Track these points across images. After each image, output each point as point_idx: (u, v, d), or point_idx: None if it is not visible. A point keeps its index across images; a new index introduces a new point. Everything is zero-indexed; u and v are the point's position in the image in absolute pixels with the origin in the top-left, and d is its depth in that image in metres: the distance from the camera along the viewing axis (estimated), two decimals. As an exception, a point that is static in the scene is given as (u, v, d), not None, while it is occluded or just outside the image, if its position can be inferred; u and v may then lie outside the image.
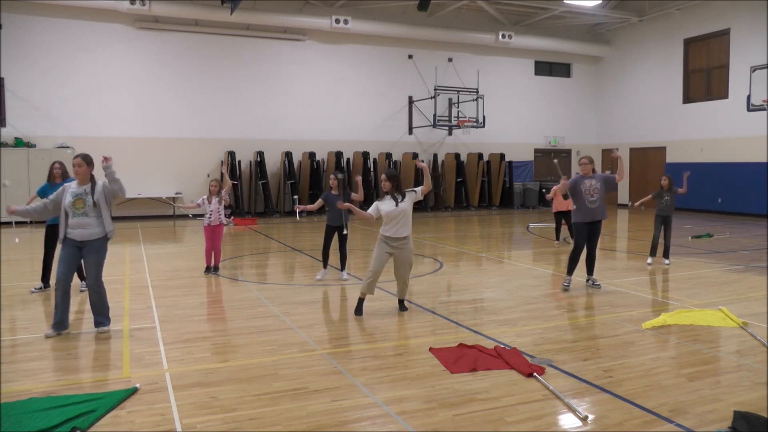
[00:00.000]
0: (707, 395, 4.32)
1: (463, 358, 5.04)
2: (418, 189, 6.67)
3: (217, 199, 9.08)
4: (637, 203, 10.56)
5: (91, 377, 4.74)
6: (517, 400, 4.22)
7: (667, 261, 9.98)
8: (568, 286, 8.00)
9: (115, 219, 20.99)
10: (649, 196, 10.22)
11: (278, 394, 4.34)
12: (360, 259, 10.64)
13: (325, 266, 8.83)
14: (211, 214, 9.04)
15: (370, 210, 6.62)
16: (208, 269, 9.27)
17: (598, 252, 8.34)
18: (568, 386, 4.48)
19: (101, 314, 5.98)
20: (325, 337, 5.89)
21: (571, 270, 8.09)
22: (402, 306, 6.85)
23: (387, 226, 6.54)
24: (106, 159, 5.81)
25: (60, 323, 5.84)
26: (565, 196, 9.18)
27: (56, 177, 7.76)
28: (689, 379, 4.63)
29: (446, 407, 4.11)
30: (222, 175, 9.89)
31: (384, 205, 6.54)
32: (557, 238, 12.83)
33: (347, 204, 7.38)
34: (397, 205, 6.49)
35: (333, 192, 8.50)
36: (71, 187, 5.93)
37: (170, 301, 7.53)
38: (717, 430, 3.72)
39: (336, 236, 8.62)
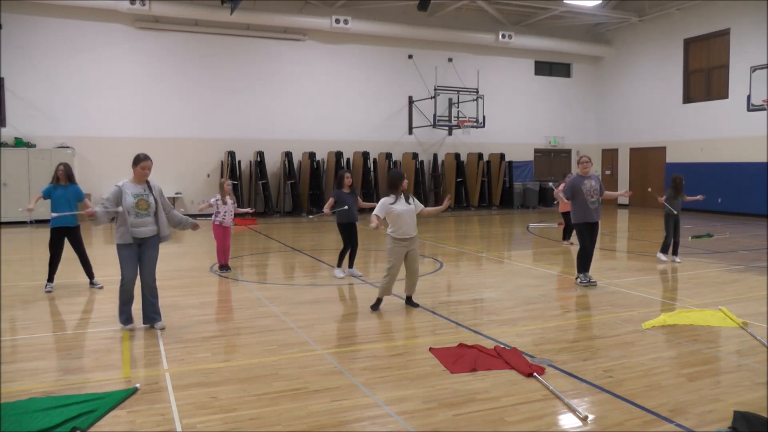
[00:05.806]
0: (707, 395, 4.32)
1: (463, 358, 5.04)
2: (417, 203, 6.88)
3: (232, 200, 9.28)
4: (660, 198, 10.46)
5: (91, 377, 4.73)
6: (517, 400, 4.22)
7: (677, 259, 10.19)
8: (594, 281, 8.14)
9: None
10: (664, 197, 10.35)
11: (278, 394, 4.34)
12: (362, 259, 10.62)
13: (340, 265, 8.95)
14: (225, 214, 9.20)
15: (376, 213, 6.62)
16: (222, 267, 9.40)
17: (597, 252, 8.36)
18: (568, 386, 4.48)
19: (156, 311, 6.14)
20: (325, 337, 5.89)
21: (587, 267, 8.18)
22: (413, 302, 7.00)
23: (401, 229, 6.59)
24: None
25: (130, 318, 6.09)
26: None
27: (60, 179, 7.91)
28: (689, 379, 4.63)
29: (446, 407, 4.11)
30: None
31: (399, 206, 6.62)
32: (567, 238, 12.53)
33: (366, 203, 7.34)
34: (408, 202, 6.70)
35: (345, 190, 8.66)
36: (128, 186, 5.89)
37: (170, 301, 7.52)
38: (717, 430, 3.72)
39: (350, 233, 8.76)
